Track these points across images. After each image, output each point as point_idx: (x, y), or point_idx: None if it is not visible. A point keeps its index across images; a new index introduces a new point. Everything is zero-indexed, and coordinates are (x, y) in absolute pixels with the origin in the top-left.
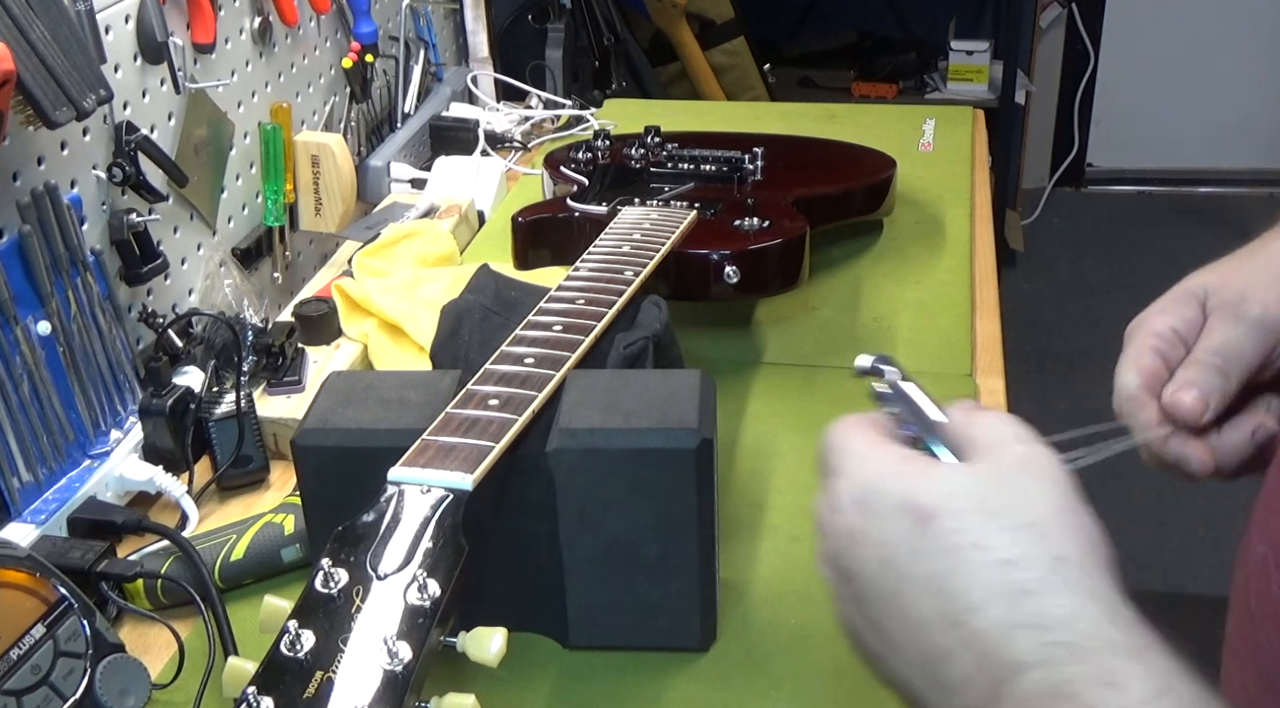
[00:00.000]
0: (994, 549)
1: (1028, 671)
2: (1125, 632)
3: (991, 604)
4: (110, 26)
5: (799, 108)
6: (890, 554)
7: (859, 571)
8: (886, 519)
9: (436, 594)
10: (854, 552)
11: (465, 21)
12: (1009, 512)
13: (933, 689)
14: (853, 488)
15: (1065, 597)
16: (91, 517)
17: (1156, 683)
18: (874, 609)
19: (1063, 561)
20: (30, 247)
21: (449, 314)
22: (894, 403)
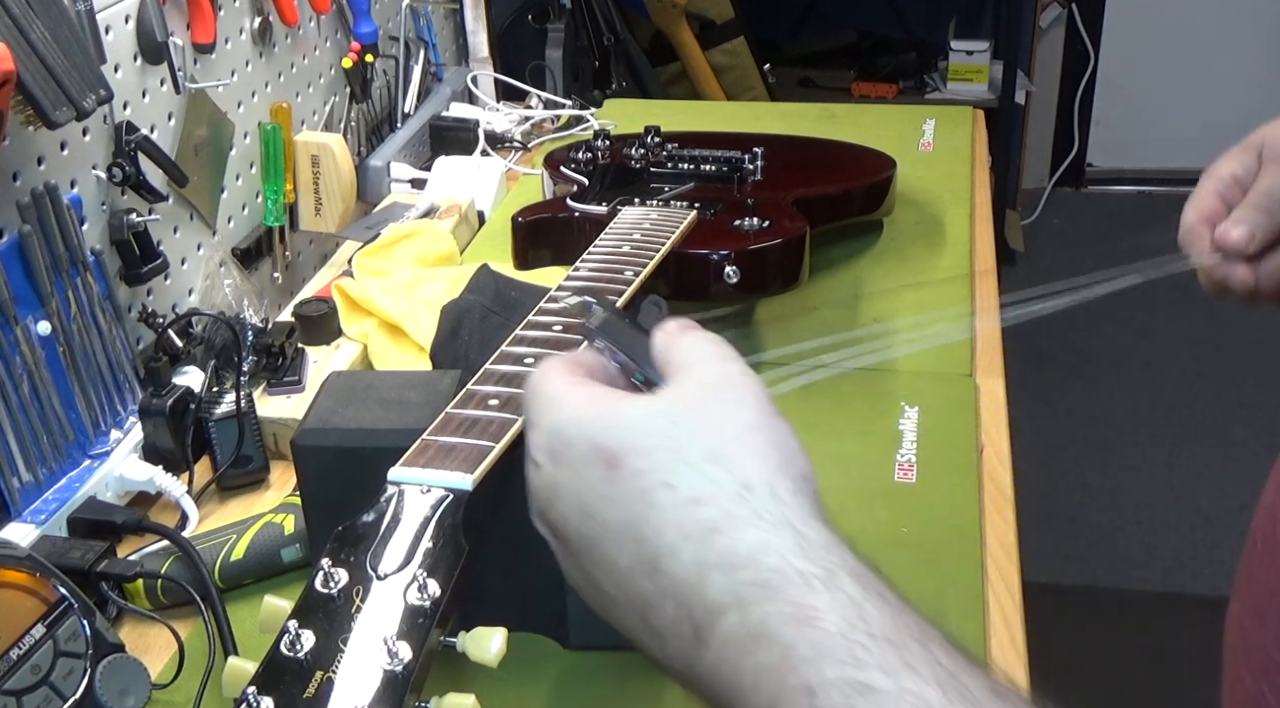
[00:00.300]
0: (681, 487)
1: (726, 613)
2: (814, 560)
3: (684, 547)
4: (110, 26)
5: (799, 108)
6: (586, 504)
7: (563, 525)
8: (578, 468)
9: (436, 594)
10: (556, 507)
11: (465, 21)
12: (695, 442)
13: (650, 638)
14: (545, 439)
15: (752, 530)
16: (91, 517)
17: (849, 613)
18: (584, 561)
19: (749, 488)
20: (30, 247)
21: (449, 314)
22: (600, 336)
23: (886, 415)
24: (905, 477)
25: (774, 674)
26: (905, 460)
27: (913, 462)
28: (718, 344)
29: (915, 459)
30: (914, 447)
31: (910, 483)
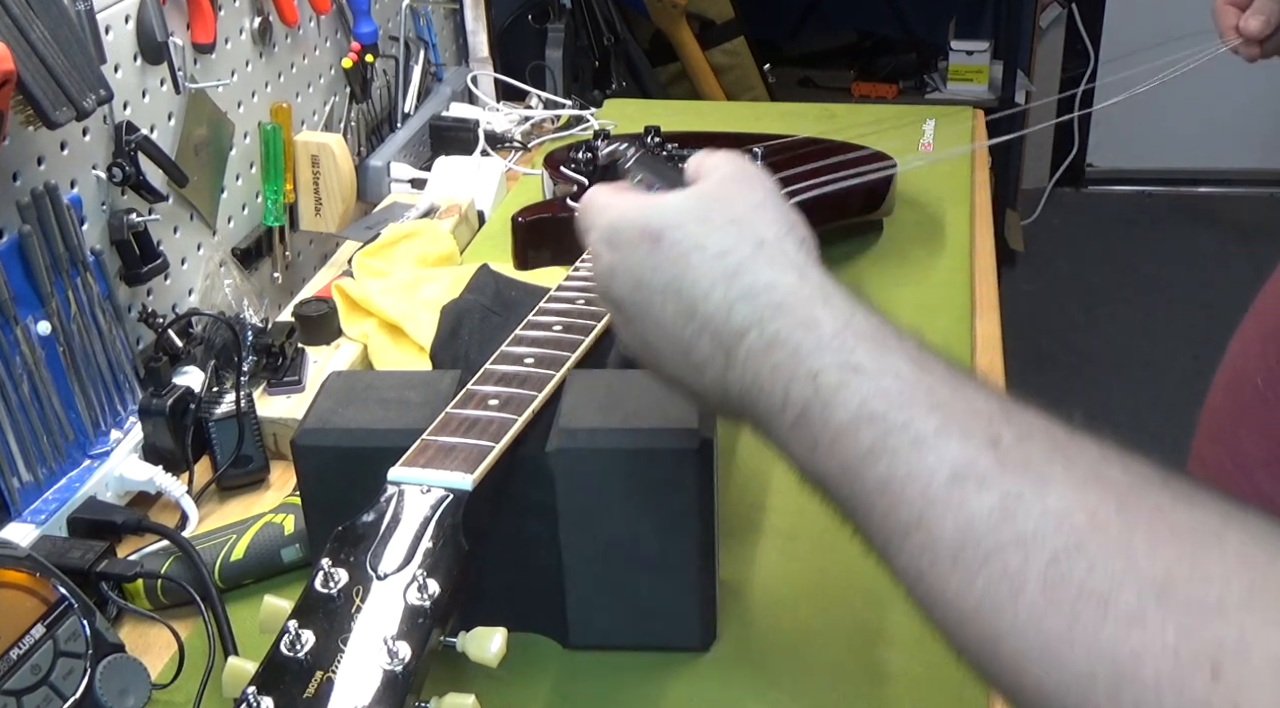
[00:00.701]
0: (710, 247)
1: (748, 333)
2: (814, 285)
3: (714, 290)
4: (110, 26)
5: (799, 108)
6: (637, 275)
7: (620, 298)
8: (629, 248)
9: (436, 594)
10: (613, 284)
11: (465, 21)
12: (719, 214)
13: (692, 374)
14: (602, 233)
15: (766, 270)
16: (91, 517)
17: (840, 320)
18: (639, 326)
19: (763, 242)
20: (30, 247)
21: (449, 314)
22: (639, 168)
23: None
24: None
25: (785, 369)
26: None
27: None
28: (738, 156)
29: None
30: None
31: None
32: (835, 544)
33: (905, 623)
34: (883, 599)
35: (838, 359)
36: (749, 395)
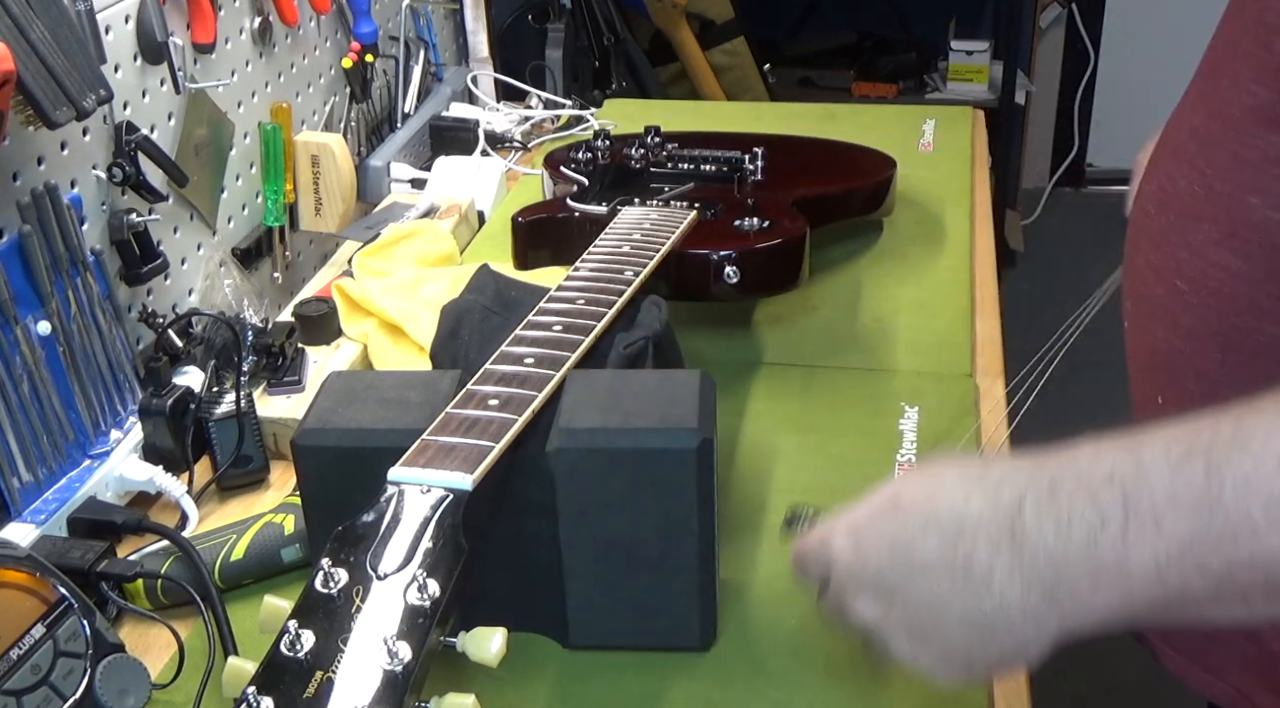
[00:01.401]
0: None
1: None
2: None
3: (971, 494)
4: (110, 26)
5: (799, 108)
6: (890, 537)
7: (876, 568)
8: (872, 526)
9: (436, 594)
10: (865, 564)
11: (465, 21)
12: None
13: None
14: (836, 538)
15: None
16: (91, 517)
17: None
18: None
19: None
20: (30, 247)
21: (449, 314)
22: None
23: (886, 415)
24: None
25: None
26: (905, 460)
27: (913, 462)
28: None
29: (915, 459)
30: (914, 447)
31: None
32: None
33: None
34: None
35: (1119, 456)
36: (1058, 545)
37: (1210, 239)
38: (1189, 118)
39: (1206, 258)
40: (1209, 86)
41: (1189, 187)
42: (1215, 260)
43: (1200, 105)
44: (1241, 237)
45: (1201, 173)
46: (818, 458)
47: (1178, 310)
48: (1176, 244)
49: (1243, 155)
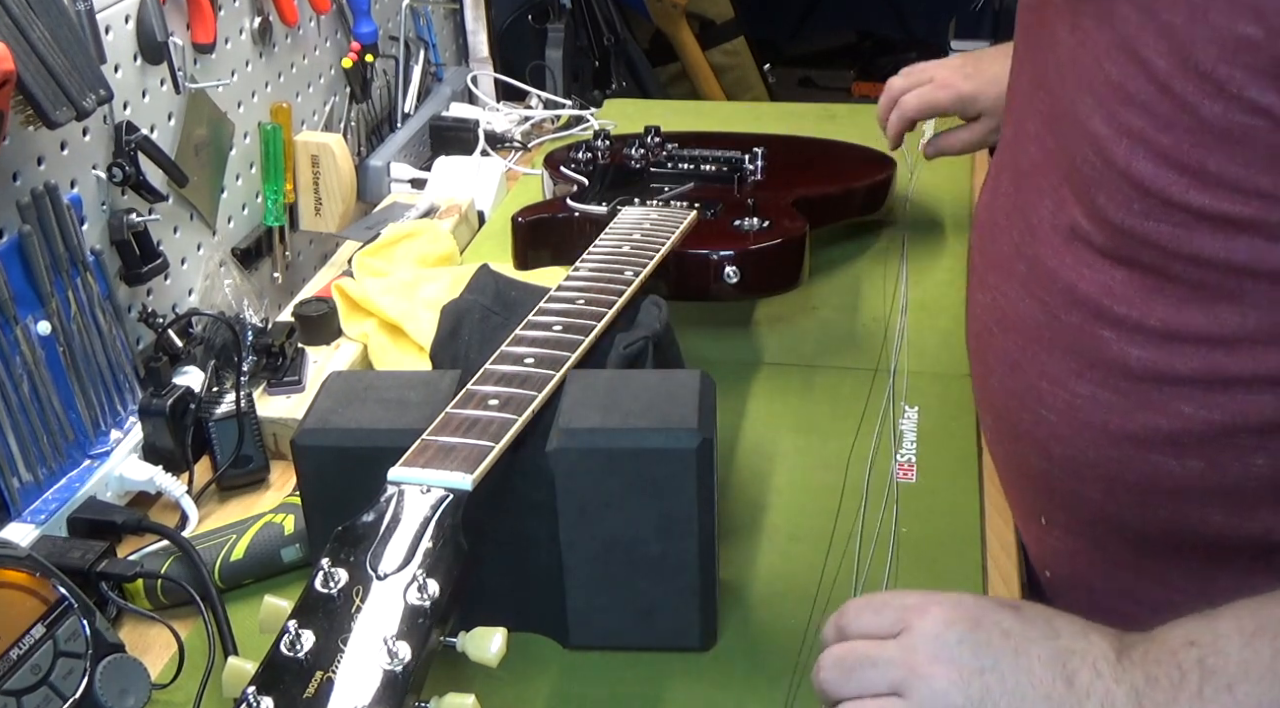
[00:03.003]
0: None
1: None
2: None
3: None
4: (110, 26)
5: (799, 108)
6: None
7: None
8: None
9: (436, 594)
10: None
11: (465, 21)
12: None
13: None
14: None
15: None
16: (91, 517)
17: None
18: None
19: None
20: (30, 247)
21: (449, 314)
22: None
23: (886, 416)
24: (905, 477)
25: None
26: (905, 460)
27: (913, 462)
28: None
29: (915, 459)
30: (914, 447)
31: (910, 483)
32: (835, 544)
33: None
34: None
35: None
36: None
37: (1070, 370)
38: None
39: (1071, 390)
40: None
41: (1030, 311)
42: (1081, 392)
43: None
44: (1103, 369)
45: (1040, 300)
46: (818, 458)
47: (1048, 441)
48: (1033, 372)
49: (1082, 288)
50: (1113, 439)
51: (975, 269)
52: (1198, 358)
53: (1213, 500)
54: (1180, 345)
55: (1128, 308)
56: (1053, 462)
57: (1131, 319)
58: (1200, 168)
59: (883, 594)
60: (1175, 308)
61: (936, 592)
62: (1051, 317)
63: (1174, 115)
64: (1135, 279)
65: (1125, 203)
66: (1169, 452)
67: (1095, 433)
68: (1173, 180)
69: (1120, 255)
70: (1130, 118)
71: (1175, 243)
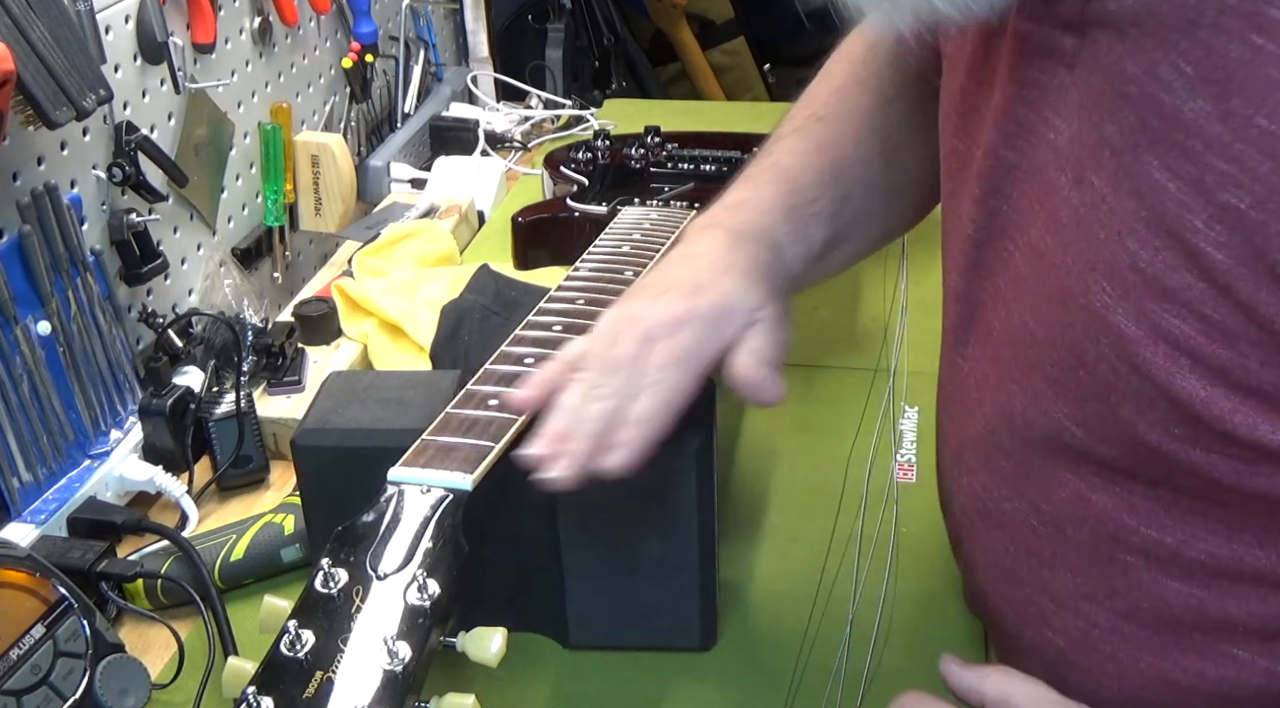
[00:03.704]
0: None
1: None
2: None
3: None
4: (110, 26)
5: None
6: None
7: None
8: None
9: (436, 594)
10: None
11: (465, 21)
12: None
13: None
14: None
15: None
16: (91, 517)
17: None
18: None
19: None
20: (30, 247)
21: (449, 314)
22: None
23: (886, 415)
24: (905, 477)
25: None
26: (905, 460)
27: (913, 462)
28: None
29: (915, 459)
30: (914, 447)
31: (910, 483)
32: (835, 544)
33: (905, 623)
34: (882, 600)
35: None
36: None
37: (1081, 594)
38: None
39: (1082, 615)
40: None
41: (1023, 517)
42: (1095, 620)
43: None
44: (1125, 599)
45: (1037, 509)
46: (818, 458)
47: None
48: (1032, 586)
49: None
50: (1144, 681)
51: (943, 436)
52: (1255, 600)
53: None
54: (1233, 585)
55: (1160, 532)
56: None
57: (1165, 546)
58: (1275, 394)
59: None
60: (1226, 538)
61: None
62: (1054, 530)
63: (1238, 326)
64: (1166, 499)
65: (1163, 425)
66: (1217, 703)
67: (1121, 669)
68: (1234, 407)
69: (1147, 476)
70: (1170, 320)
71: (1234, 478)
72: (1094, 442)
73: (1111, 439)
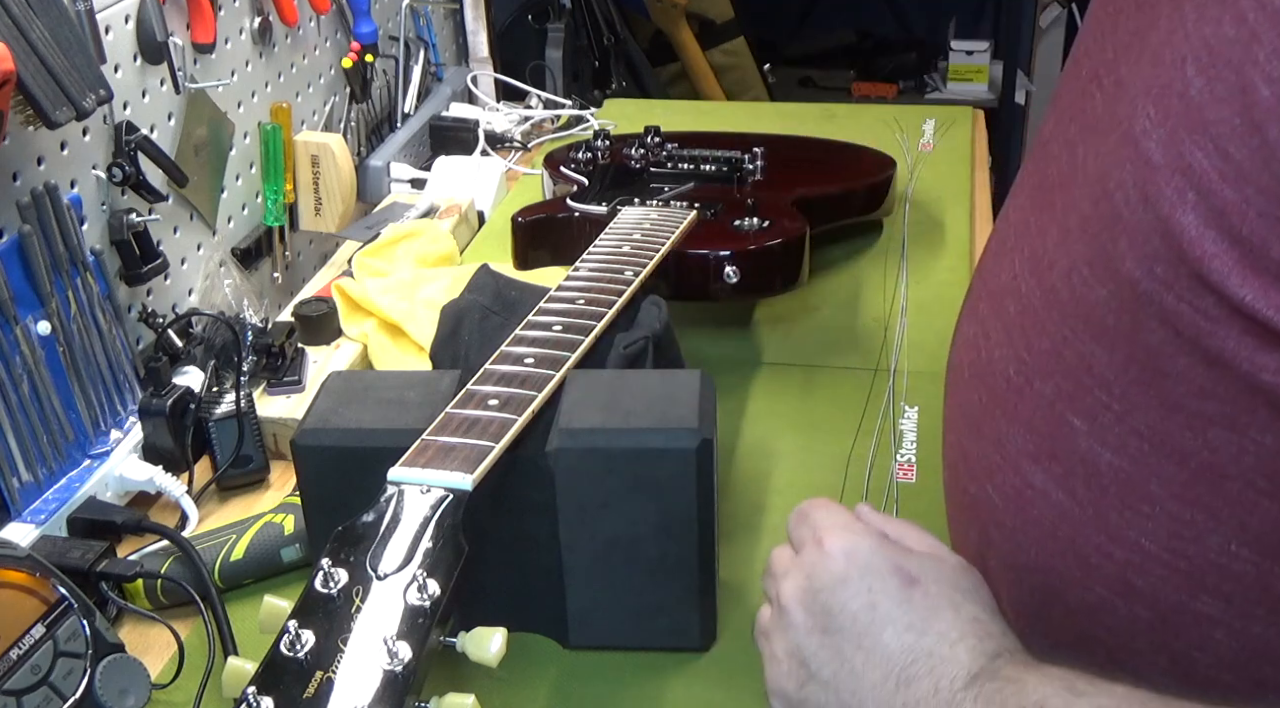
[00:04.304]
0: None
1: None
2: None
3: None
4: (110, 26)
5: (799, 108)
6: (877, 600)
7: (840, 608)
8: (878, 575)
9: (436, 594)
10: (840, 592)
11: (465, 21)
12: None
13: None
14: (844, 544)
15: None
16: (91, 517)
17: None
18: (843, 640)
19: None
20: (30, 247)
21: (449, 314)
22: None
23: (886, 415)
24: (905, 477)
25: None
26: (905, 460)
27: (913, 462)
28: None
29: (915, 459)
30: (914, 447)
31: (910, 483)
32: None
33: None
34: None
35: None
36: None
37: (1025, 451)
38: (1013, 251)
39: (1021, 473)
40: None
41: (1004, 366)
42: (1031, 480)
43: (1025, 248)
44: (1062, 462)
45: (1019, 358)
46: (818, 458)
47: (989, 524)
48: (989, 437)
49: (1065, 355)
50: (1059, 549)
51: (972, 290)
52: (1176, 485)
53: (1156, 658)
54: (1159, 462)
55: (1108, 396)
56: (991, 547)
57: (1110, 412)
58: (1261, 247)
59: (813, 504)
60: (1162, 412)
61: (850, 525)
62: (1025, 381)
63: (1254, 168)
64: (1121, 362)
65: (1148, 262)
66: (1117, 589)
67: (1041, 535)
68: (1218, 251)
69: (1115, 326)
70: (1194, 153)
71: (1192, 331)
72: (1091, 283)
73: (1101, 277)
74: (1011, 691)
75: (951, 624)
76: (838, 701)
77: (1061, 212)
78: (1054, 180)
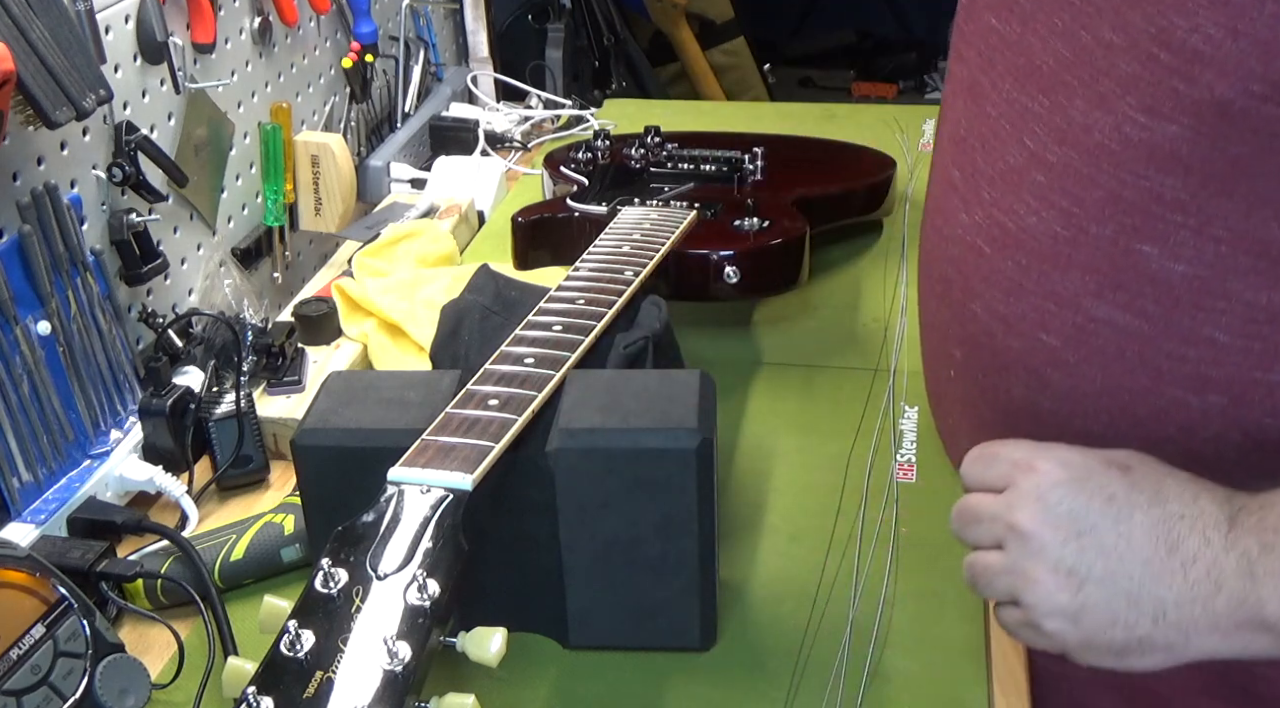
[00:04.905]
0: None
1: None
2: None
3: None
4: (110, 26)
5: (799, 108)
6: (1112, 492)
7: (1085, 510)
8: (1098, 472)
9: (436, 594)
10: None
11: (465, 21)
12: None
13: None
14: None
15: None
16: (91, 517)
17: None
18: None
19: None
20: (30, 247)
21: (449, 314)
22: None
23: (886, 415)
24: (905, 477)
25: None
26: (905, 460)
27: (913, 462)
28: None
29: (915, 459)
30: (914, 447)
31: (910, 483)
32: (835, 544)
33: (905, 623)
34: (882, 599)
35: None
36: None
37: (1086, 290)
38: (1015, 134)
39: (1084, 311)
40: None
41: (1046, 226)
42: (1096, 315)
43: (1037, 127)
44: (1130, 289)
45: (1064, 212)
46: (817, 458)
47: (1044, 367)
48: (1036, 293)
49: (1125, 197)
50: (1127, 368)
51: (953, 189)
52: (1255, 275)
53: (1226, 445)
54: (1237, 258)
55: (1183, 215)
56: (1046, 390)
57: (1186, 229)
58: None
59: (994, 446)
60: (1245, 212)
61: (1046, 446)
62: (1078, 231)
63: None
64: (1198, 182)
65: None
66: (1190, 386)
67: (1107, 360)
68: None
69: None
70: None
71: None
72: (1151, 128)
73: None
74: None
75: (1178, 489)
76: (1116, 588)
77: (1084, 84)
78: (1052, 65)
